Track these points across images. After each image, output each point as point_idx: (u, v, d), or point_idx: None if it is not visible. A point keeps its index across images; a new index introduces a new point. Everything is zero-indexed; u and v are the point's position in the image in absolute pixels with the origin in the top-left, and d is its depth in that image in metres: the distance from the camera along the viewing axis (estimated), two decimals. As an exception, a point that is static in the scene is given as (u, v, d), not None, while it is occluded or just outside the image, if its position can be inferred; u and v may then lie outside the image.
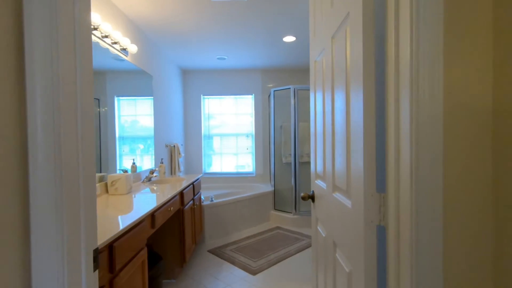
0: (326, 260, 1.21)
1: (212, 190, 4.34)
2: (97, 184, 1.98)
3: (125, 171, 2.49)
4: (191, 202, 2.65)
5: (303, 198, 1.42)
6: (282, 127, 4.32)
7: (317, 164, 1.37)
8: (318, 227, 1.35)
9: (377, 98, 0.73)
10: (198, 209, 2.92)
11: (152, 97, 3.12)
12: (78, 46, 0.62)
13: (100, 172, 2.17)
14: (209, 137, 4.61)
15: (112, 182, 2.04)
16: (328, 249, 1.16)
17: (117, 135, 2.50)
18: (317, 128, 1.34)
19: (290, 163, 4.38)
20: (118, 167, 2.46)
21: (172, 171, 3.71)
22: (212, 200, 3.29)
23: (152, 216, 1.68)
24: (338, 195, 1.01)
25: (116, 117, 2.46)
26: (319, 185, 1.31)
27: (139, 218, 1.45)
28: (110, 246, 1.19)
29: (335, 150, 1.03)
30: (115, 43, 2.21)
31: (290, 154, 4.36)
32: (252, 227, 3.67)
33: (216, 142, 4.63)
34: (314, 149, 1.42)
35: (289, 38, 3.13)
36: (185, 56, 3.71)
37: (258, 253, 2.84)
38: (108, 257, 1.17)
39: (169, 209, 1.95)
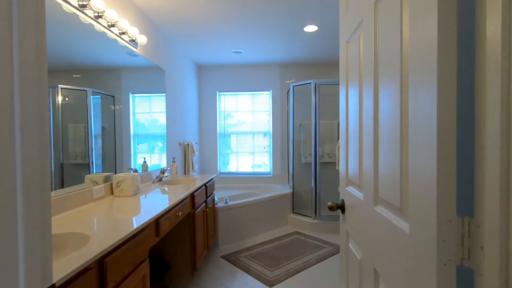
0: (361, 289, 0.96)
1: (227, 191, 4.15)
2: (102, 185, 1.83)
3: (135, 170, 2.35)
4: (203, 204, 2.46)
5: (330, 209, 1.18)
6: (301, 125, 4.06)
7: (349, 167, 1.13)
8: (350, 245, 1.11)
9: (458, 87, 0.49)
10: (211, 212, 2.74)
11: (165, 94, 2.96)
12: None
13: (115, 172, 2.07)
14: (225, 136, 4.42)
15: (117, 183, 1.88)
16: (365, 276, 0.91)
17: (131, 133, 2.39)
18: (350, 124, 1.10)
19: (310, 163, 4.12)
20: (132, 166, 2.35)
21: (186, 171, 3.55)
22: (226, 202, 3.10)
23: (156, 222, 1.50)
24: (382, 210, 0.76)
25: (131, 115, 2.36)
26: (351, 193, 1.07)
27: (141, 226, 1.27)
28: (101, 262, 1.00)
29: (378, 151, 0.79)
30: (123, 33, 2.06)
31: (310, 154, 4.10)
32: (269, 231, 3.45)
33: (232, 141, 4.45)
34: (345, 149, 1.17)
35: (311, 28, 2.87)
36: (199, 50, 3.54)
37: (275, 261, 2.62)
38: (97, 275, 0.98)
39: (177, 214, 1.77)
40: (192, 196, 2.16)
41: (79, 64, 1.69)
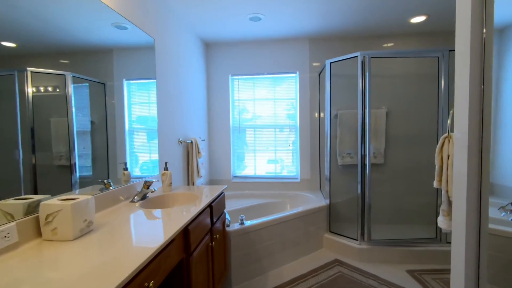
0: None
1: (243, 200, 3.30)
2: (13, 224, 1.01)
3: (108, 183, 1.54)
4: (207, 236, 1.61)
5: None
6: (337, 116, 3.12)
7: None
8: None
9: None
10: (219, 242, 1.88)
11: (155, 79, 2.13)
12: None
13: (108, 177, 1.60)
14: (240, 130, 3.55)
15: (46, 218, 1.05)
16: None
17: (126, 128, 1.83)
18: None
19: (349, 165, 3.18)
20: (130, 168, 1.81)
21: (189, 178, 2.72)
22: (242, 223, 2.24)
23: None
24: None
25: (125, 106, 1.82)
26: None
27: None
28: None
29: None
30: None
31: (349, 153, 3.16)
32: (299, 258, 2.57)
33: (248, 136, 3.57)
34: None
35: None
36: (206, 18, 2.66)
37: (315, 319, 1.74)
38: None
39: (146, 285, 0.91)
40: (185, 232, 1.30)
41: (59, 44, 1.28)
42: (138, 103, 1.94)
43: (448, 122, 1.81)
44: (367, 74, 2.40)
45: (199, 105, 3.16)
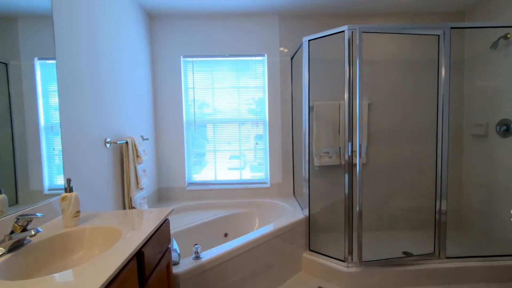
0: None
1: (200, 212, 2.65)
2: None
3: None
4: (133, 307, 0.94)
5: None
6: (313, 108, 2.61)
7: None
8: None
9: None
10: (161, 298, 1.22)
11: (55, 60, 1.38)
12: None
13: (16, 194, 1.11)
14: (197, 126, 2.87)
15: None
16: None
17: (41, 123, 1.28)
18: None
19: (327, 166, 2.70)
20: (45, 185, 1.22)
21: (124, 194, 1.98)
22: (197, 257, 1.60)
23: None
24: None
25: (39, 93, 1.28)
26: None
27: None
28: None
29: None
30: None
31: (327, 152, 2.68)
32: (273, 290, 2.01)
33: (208, 133, 2.90)
34: None
35: None
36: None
37: None
38: None
39: None
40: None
41: None
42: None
43: None
44: (359, 53, 1.88)
45: (139, 93, 2.41)
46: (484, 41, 2.47)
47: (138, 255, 1.01)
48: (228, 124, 2.87)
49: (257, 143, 2.90)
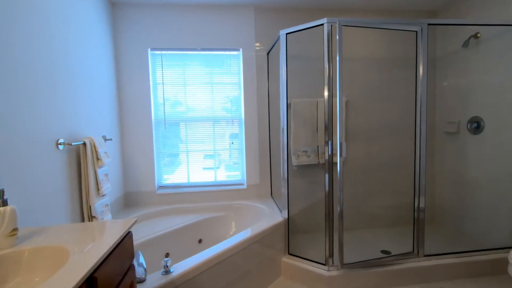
0: None
1: (172, 217, 2.46)
2: None
3: None
4: None
5: None
6: (290, 106, 2.51)
7: None
8: None
9: None
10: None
11: None
12: None
13: None
14: (167, 124, 2.66)
15: None
16: None
17: None
18: None
19: (305, 166, 2.62)
20: None
21: (84, 202, 1.75)
22: (167, 271, 1.43)
23: None
24: None
25: None
26: None
27: None
28: None
29: None
30: None
31: (306, 151, 2.60)
32: (252, 299, 1.88)
33: (180, 132, 2.70)
34: None
35: None
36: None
37: None
38: None
39: None
40: None
41: None
42: None
43: None
44: (337, 49, 1.80)
45: (101, 89, 2.16)
46: (456, 40, 2.52)
47: (90, 281, 0.83)
48: (202, 123, 2.69)
49: (232, 143, 2.75)
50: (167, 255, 2.17)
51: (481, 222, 2.34)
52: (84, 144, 1.73)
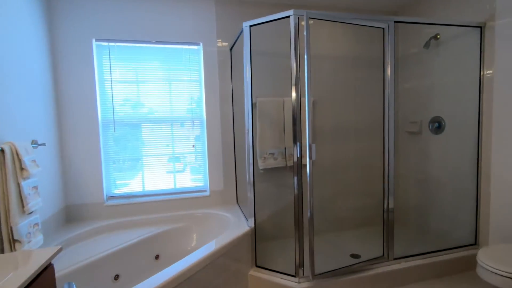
0: None
1: (123, 232, 2.15)
2: None
3: None
4: None
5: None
6: (256, 105, 2.35)
7: None
8: None
9: None
10: None
11: None
12: None
13: None
14: (120, 126, 2.34)
15: None
16: None
17: None
18: None
19: (272, 169, 2.47)
20: None
21: (2, 223, 1.40)
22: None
23: None
24: None
25: None
26: None
27: None
28: None
29: None
30: None
31: (273, 154, 2.45)
32: (216, 322, 1.67)
33: (134, 135, 2.39)
34: None
35: None
36: None
37: None
38: None
39: None
40: None
41: None
42: None
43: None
44: (305, 43, 1.67)
45: (31, 85, 1.80)
46: (417, 41, 2.55)
47: None
48: (159, 124, 2.41)
49: (193, 146, 2.51)
50: (116, 277, 1.87)
51: (444, 221, 2.38)
52: (2, 151, 1.39)
